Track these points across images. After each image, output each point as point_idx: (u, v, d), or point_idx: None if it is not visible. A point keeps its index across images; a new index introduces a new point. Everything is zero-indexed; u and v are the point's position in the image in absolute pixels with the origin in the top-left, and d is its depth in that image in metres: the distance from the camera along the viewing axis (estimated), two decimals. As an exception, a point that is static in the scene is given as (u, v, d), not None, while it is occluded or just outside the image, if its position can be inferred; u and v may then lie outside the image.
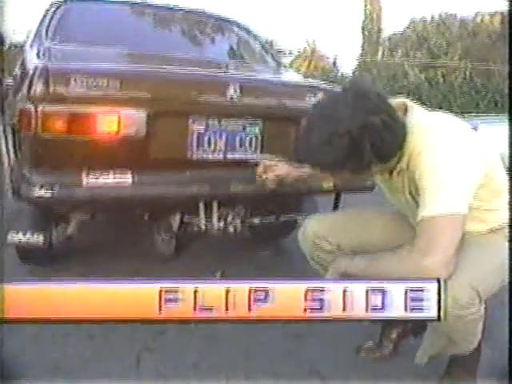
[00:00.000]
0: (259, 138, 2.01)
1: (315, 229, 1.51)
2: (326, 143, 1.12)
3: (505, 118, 5.44)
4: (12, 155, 2.16)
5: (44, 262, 2.27)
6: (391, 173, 1.29)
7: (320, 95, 1.98)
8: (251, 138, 2.00)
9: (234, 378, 1.49)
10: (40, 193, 1.64)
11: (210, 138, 1.89)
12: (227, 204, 2.08)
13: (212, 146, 1.90)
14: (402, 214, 1.45)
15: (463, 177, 1.13)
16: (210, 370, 1.53)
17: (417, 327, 1.53)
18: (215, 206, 2.04)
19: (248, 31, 3.00)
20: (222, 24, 2.96)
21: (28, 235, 1.98)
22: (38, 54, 1.94)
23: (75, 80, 1.61)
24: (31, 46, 2.23)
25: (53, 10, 2.41)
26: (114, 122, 1.68)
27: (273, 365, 1.57)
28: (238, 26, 3.00)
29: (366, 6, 17.88)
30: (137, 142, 1.75)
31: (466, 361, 1.38)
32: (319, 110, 1.19)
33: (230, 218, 2.09)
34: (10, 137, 2.27)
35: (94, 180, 1.70)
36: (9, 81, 3.34)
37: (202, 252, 2.60)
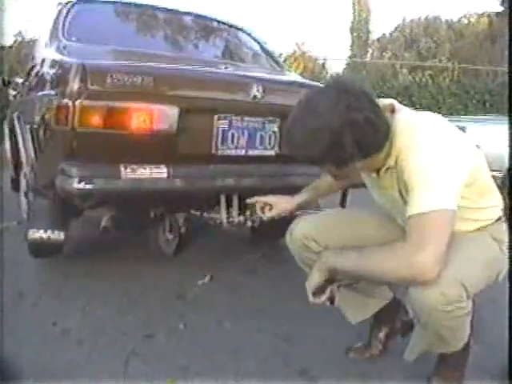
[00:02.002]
0: (277, 135, 2.09)
1: (303, 230, 1.48)
2: (308, 137, 1.15)
3: (493, 118, 5.56)
4: (31, 152, 2.17)
5: (52, 255, 2.27)
6: (379, 171, 1.31)
7: None
8: (270, 136, 2.08)
9: (224, 381, 1.45)
10: (79, 186, 1.68)
11: (233, 135, 1.97)
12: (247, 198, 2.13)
13: (235, 143, 1.98)
14: (389, 215, 1.46)
15: (451, 174, 1.16)
16: (198, 373, 1.48)
17: (405, 326, 1.55)
18: (235, 200, 2.11)
19: (256, 37, 3.12)
20: (236, 31, 3.05)
21: (49, 232, 2.01)
22: (65, 53, 1.98)
23: (111, 77, 1.66)
24: (50, 45, 2.26)
25: (67, 8, 2.43)
26: (147, 117, 1.74)
27: (262, 367, 1.54)
28: (250, 33, 3.11)
29: (354, 7, 18.04)
30: (169, 138, 1.81)
31: (454, 360, 1.37)
32: (302, 105, 1.21)
33: (248, 213, 2.15)
34: (27, 134, 2.29)
35: (132, 173, 1.74)
36: (17, 81, 3.34)
37: (201, 253, 2.61)
